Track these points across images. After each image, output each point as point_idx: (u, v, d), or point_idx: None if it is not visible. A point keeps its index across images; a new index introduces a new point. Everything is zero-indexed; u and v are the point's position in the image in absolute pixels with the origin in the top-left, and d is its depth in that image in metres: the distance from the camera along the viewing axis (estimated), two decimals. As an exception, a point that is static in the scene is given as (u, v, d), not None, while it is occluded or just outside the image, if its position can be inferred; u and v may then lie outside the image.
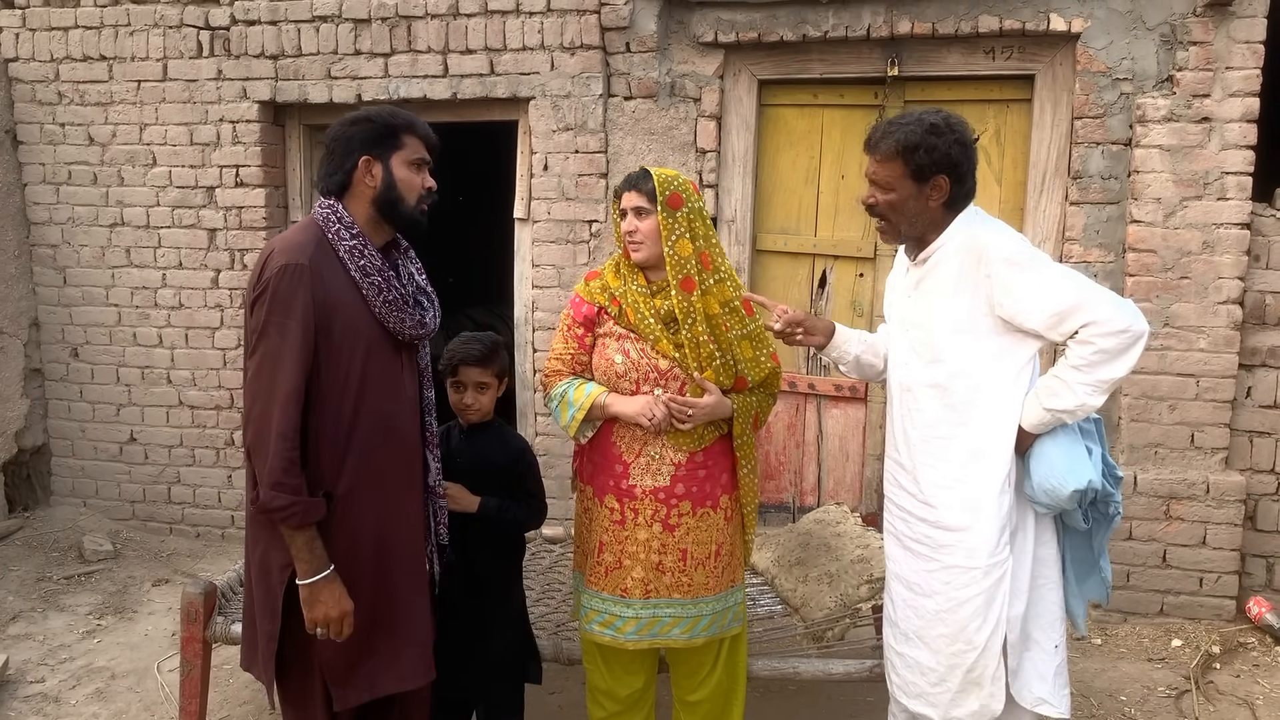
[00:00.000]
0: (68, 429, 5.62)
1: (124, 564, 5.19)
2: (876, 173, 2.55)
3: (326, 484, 2.38)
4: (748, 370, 2.82)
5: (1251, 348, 4.26)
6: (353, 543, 2.43)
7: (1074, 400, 2.41)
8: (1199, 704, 3.78)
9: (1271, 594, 4.34)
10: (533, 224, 4.95)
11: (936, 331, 2.54)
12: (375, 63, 4.96)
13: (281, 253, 2.35)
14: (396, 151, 2.48)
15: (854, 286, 4.82)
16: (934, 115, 2.51)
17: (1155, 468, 4.33)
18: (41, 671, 4.09)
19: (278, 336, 2.31)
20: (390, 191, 2.47)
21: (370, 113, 2.50)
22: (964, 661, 2.54)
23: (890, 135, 2.50)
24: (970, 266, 2.47)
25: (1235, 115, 4.15)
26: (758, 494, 2.96)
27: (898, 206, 2.54)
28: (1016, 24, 4.33)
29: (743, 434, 2.86)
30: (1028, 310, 2.41)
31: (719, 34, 4.64)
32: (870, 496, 4.88)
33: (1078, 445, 2.50)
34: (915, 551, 2.63)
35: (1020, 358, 2.50)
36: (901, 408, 2.67)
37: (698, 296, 2.74)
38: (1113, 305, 2.37)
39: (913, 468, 2.63)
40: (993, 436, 2.51)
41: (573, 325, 2.90)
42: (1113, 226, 4.35)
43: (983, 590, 2.50)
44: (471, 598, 2.91)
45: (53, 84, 5.34)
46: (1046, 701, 2.60)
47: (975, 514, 2.51)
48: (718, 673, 2.97)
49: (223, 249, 5.28)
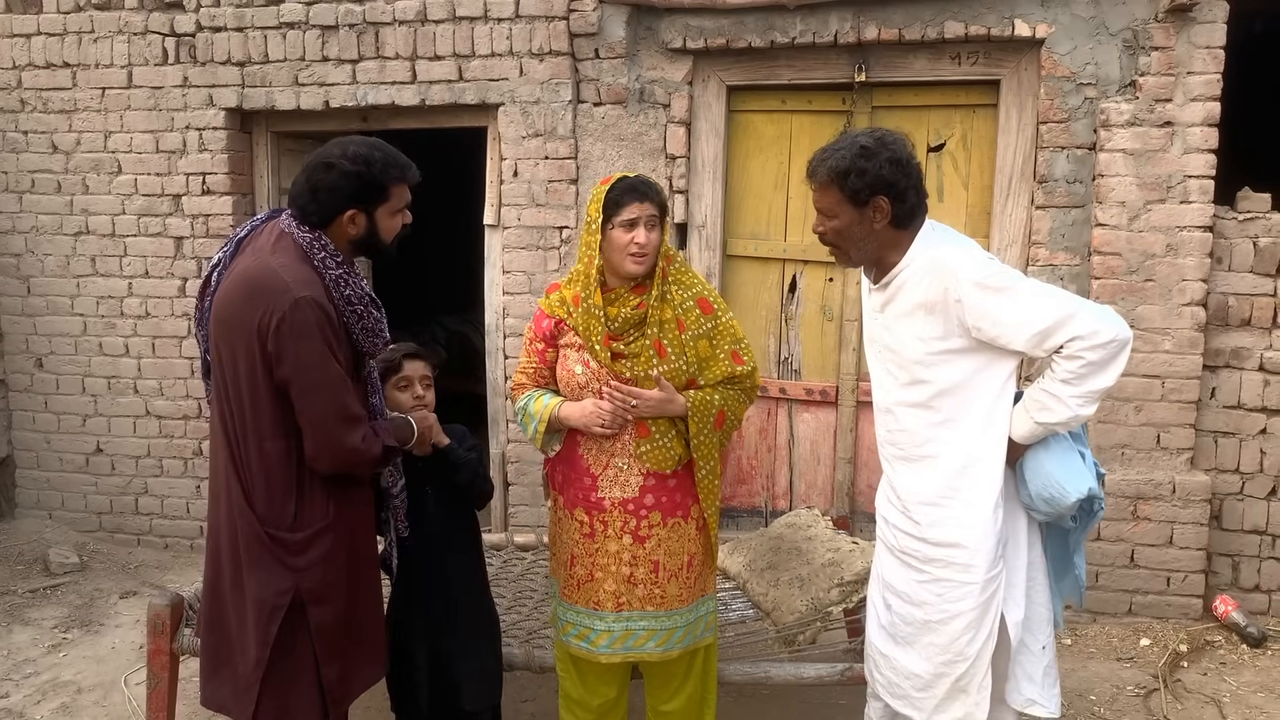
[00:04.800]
0: (33, 440, 5.55)
1: (90, 576, 5.12)
2: (819, 201, 2.53)
3: (319, 520, 2.44)
4: (699, 372, 2.76)
5: (1215, 349, 4.32)
6: (336, 566, 2.48)
7: (1067, 413, 2.39)
8: (1167, 702, 3.82)
9: (1237, 592, 4.40)
10: (503, 230, 4.94)
11: (911, 355, 2.50)
12: (343, 69, 4.94)
13: (299, 285, 2.34)
14: (382, 205, 2.48)
15: (824, 291, 4.84)
16: (866, 137, 2.46)
17: (1122, 468, 4.37)
18: (6, 687, 4.03)
19: (322, 361, 2.36)
20: (371, 238, 2.50)
21: (359, 161, 2.42)
22: (953, 671, 2.53)
23: (824, 163, 2.46)
24: (938, 290, 2.42)
25: (1197, 119, 4.20)
26: (718, 497, 2.88)
27: (843, 233, 2.50)
28: (982, 30, 4.37)
29: (699, 433, 2.74)
30: (1009, 334, 2.37)
31: (688, 40, 4.65)
32: (841, 500, 4.90)
33: (1071, 452, 2.50)
34: (905, 562, 2.60)
35: (1002, 371, 2.47)
36: (881, 428, 2.65)
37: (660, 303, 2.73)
38: (1095, 316, 2.34)
39: (898, 485, 2.61)
40: (983, 450, 2.48)
41: (534, 340, 2.89)
42: (1078, 230, 4.40)
43: (978, 604, 2.49)
44: (438, 628, 2.91)
45: (15, 91, 5.28)
46: (1036, 702, 2.61)
47: (969, 529, 2.48)
48: (690, 683, 2.95)
49: (189, 257, 5.23)
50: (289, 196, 2.52)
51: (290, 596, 2.42)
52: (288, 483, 2.43)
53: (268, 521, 2.42)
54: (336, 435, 2.37)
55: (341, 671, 2.51)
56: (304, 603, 2.43)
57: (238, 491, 2.43)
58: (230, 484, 2.45)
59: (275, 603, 2.41)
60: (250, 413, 2.39)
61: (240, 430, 2.42)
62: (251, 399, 2.38)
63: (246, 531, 2.43)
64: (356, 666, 2.57)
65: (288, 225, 2.45)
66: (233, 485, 2.44)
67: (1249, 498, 4.37)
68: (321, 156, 2.45)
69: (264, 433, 2.40)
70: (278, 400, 2.37)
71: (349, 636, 2.53)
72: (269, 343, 2.33)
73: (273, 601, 2.41)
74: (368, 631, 2.61)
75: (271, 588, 2.42)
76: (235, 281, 2.41)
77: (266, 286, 2.34)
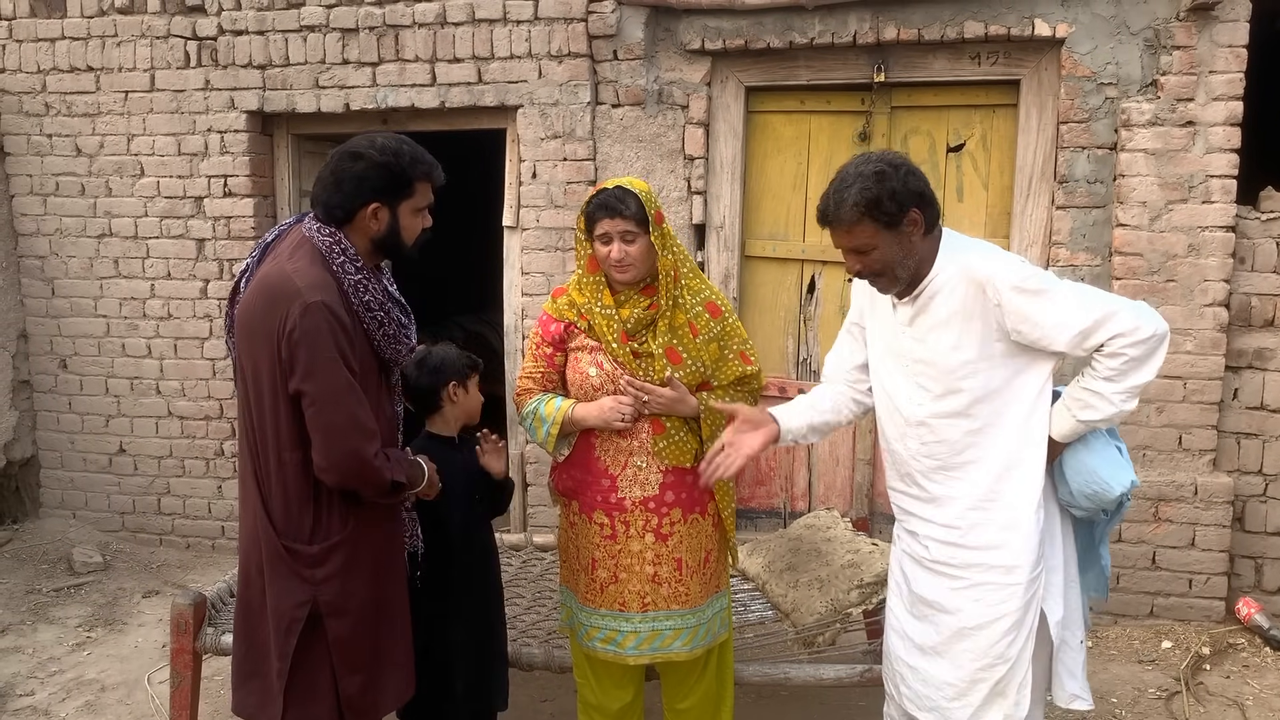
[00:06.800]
0: (57, 441, 5.60)
1: (114, 576, 5.17)
2: (848, 240, 2.46)
3: (336, 533, 2.41)
4: (713, 374, 2.81)
5: (1238, 349, 4.29)
6: (356, 579, 2.45)
7: (1110, 409, 2.40)
8: (1189, 705, 3.79)
9: (1260, 595, 4.36)
10: (521, 232, 4.96)
11: (947, 365, 2.48)
12: (363, 72, 4.96)
13: (311, 289, 2.30)
14: (406, 200, 2.44)
15: (843, 291, 4.83)
16: (870, 165, 2.42)
17: (1144, 470, 4.34)
18: (31, 684, 4.08)
19: (328, 374, 2.30)
20: (393, 236, 2.46)
21: (387, 152, 2.40)
22: (993, 675, 2.51)
23: (844, 202, 2.40)
24: (975, 297, 2.41)
25: (1219, 119, 4.17)
26: (733, 498, 2.94)
27: (888, 261, 2.45)
28: (1002, 29, 4.35)
29: (712, 437, 2.78)
30: (1050, 335, 2.38)
31: (706, 41, 4.65)
32: (860, 501, 4.89)
33: (1109, 448, 2.51)
34: (939, 572, 2.57)
35: (1041, 372, 2.47)
36: (913, 441, 2.60)
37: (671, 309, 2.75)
38: (1134, 313, 2.35)
39: (937, 496, 2.57)
40: (1024, 452, 2.48)
41: (541, 344, 2.88)
42: (1099, 230, 4.37)
43: (1022, 604, 2.48)
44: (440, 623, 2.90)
45: (40, 95, 5.33)
46: (1080, 697, 2.60)
47: (1011, 531, 2.48)
48: (706, 679, 2.97)
49: (211, 259, 5.27)
50: (312, 194, 2.48)
51: (308, 609, 2.39)
52: (305, 495, 2.39)
53: (285, 534, 2.40)
54: (349, 444, 2.31)
55: (363, 685, 2.47)
56: (322, 615, 2.41)
57: (258, 503, 2.42)
58: (252, 495, 2.44)
59: (293, 615, 2.40)
60: (270, 422, 2.36)
61: (261, 440, 2.40)
62: (271, 408, 2.35)
63: (266, 543, 2.42)
64: (381, 681, 2.53)
65: (309, 229, 2.42)
66: (255, 497, 2.43)
67: (1272, 499, 4.33)
68: (349, 147, 2.43)
69: (283, 443, 2.36)
70: (295, 410, 2.33)
71: (374, 650, 2.50)
72: (283, 350, 2.30)
73: (290, 614, 2.40)
74: (394, 646, 2.57)
75: (289, 599, 2.40)
76: (254, 288, 2.39)
77: (281, 292, 2.31)
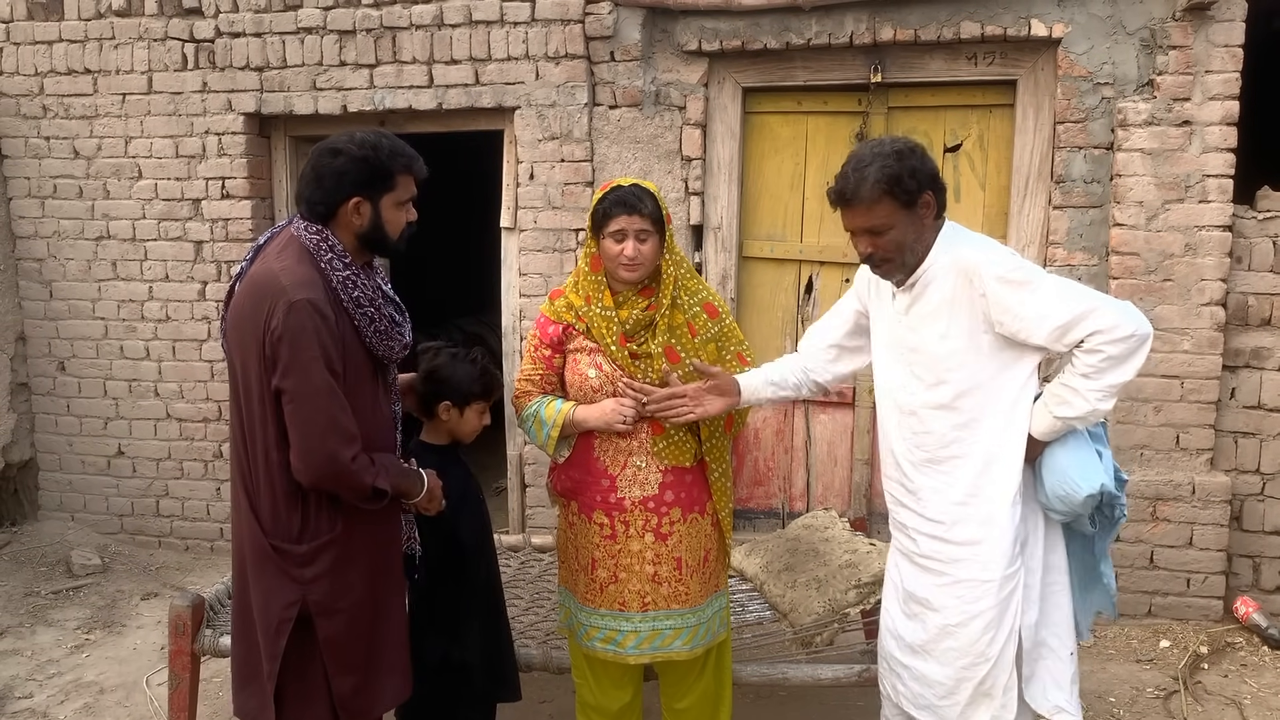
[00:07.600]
0: (55, 443, 5.60)
1: (112, 578, 5.17)
2: (866, 220, 2.46)
3: (325, 532, 2.39)
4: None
5: (1235, 349, 4.29)
6: (347, 579, 2.44)
7: (1086, 407, 2.39)
8: (1187, 704, 3.80)
9: (1258, 594, 4.37)
10: (519, 233, 4.96)
11: (936, 354, 2.51)
12: (360, 74, 4.97)
13: (296, 287, 2.29)
14: (388, 194, 2.43)
15: (840, 291, 4.81)
16: (887, 145, 2.45)
17: (1141, 469, 4.35)
18: (30, 687, 4.08)
19: (307, 372, 2.28)
20: (376, 231, 2.45)
21: (366, 146, 2.39)
22: (975, 674, 2.52)
23: (865, 180, 2.41)
24: (963, 287, 2.44)
25: (1215, 118, 4.18)
26: (731, 497, 2.95)
27: (900, 241, 2.46)
28: (998, 30, 4.36)
29: (711, 437, 2.83)
30: (1030, 328, 2.38)
31: (703, 42, 4.66)
32: (859, 501, 4.90)
33: (1088, 450, 2.49)
34: (926, 568, 2.60)
35: (1024, 369, 2.48)
36: (904, 430, 2.62)
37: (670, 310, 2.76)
38: (1115, 311, 2.35)
39: (920, 488, 2.59)
40: (1003, 448, 2.49)
41: (539, 346, 2.87)
42: (1096, 230, 4.38)
43: (997, 603, 2.49)
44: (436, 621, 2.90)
45: (37, 98, 5.33)
46: (1064, 710, 2.58)
47: (989, 526, 2.49)
48: (705, 679, 2.98)
49: (209, 261, 5.27)
50: (296, 192, 2.46)
51: (297, 609, 2.38)
52: (292, 494, 2.37)
53: (272, 533, 2.39)
54: (325, 446, 2.28)
55: (356, 685, 2.46)
56: (311, 615, 2.39)
57: (246, 502, 2.41)
58: (241, 495, 2.43)
59: (282, 615, 2.38)
60: (259, 421, 2.35)
61: (250, 439, 2.39)
62: (259, 407, 2.35)
63: (253, 543, 2.41)
64: (376, 681, 2.51)
65: (296, 228, 2.42)
66: (244, 496, 2.42)
67: (1270, 499, 4.33)
68: (328, 143, 2.43)
69: (270, 442, 2.35)
70: (279, 408, 2.32)
71: (368, 651, 2.49)
72: (268, 348, 2.29)
73: (279, 614, 2.38)
74: (390, 647, 2.56)
75: (278, 600, 2.39)
76: (244, 288, 2.39)
77: (267, 291, 2.31)
